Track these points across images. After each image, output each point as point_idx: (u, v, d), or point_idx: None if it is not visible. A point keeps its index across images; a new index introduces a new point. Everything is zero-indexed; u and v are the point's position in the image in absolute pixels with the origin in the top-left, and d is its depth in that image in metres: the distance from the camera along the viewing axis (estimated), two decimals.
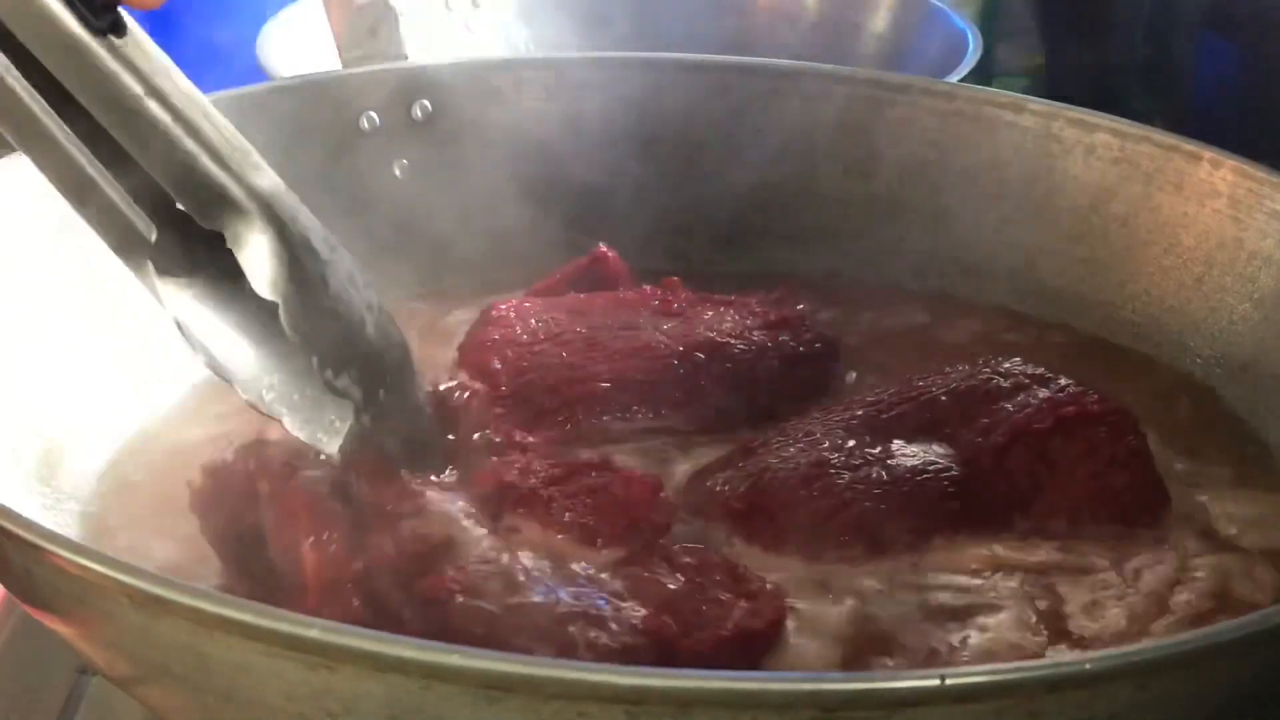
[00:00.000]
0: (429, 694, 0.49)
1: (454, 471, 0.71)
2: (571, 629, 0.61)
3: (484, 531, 0.66)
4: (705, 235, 1.01)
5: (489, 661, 0.48)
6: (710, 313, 0.86)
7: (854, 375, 0.86)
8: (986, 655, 0.64)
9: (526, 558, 0.65)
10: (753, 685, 0.48)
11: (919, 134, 0.98)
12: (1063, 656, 0.64)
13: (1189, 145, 0.89)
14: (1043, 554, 0.71)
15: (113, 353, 0.82)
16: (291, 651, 0.50)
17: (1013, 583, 0.69)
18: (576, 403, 0.80)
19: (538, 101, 1.00)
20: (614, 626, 0.61)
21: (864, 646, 0.65)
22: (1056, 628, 0.67)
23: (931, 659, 0.64)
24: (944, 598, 0.68)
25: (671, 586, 0.65)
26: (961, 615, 0.67)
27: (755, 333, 0.84)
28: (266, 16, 1.23)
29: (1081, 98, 0.99)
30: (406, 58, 1.03)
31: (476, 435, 0.74)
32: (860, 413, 0.76)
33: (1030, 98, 0.98)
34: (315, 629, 0.49)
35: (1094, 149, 0.92)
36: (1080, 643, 0.66)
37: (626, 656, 0.60)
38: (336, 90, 0.97)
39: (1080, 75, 1.55)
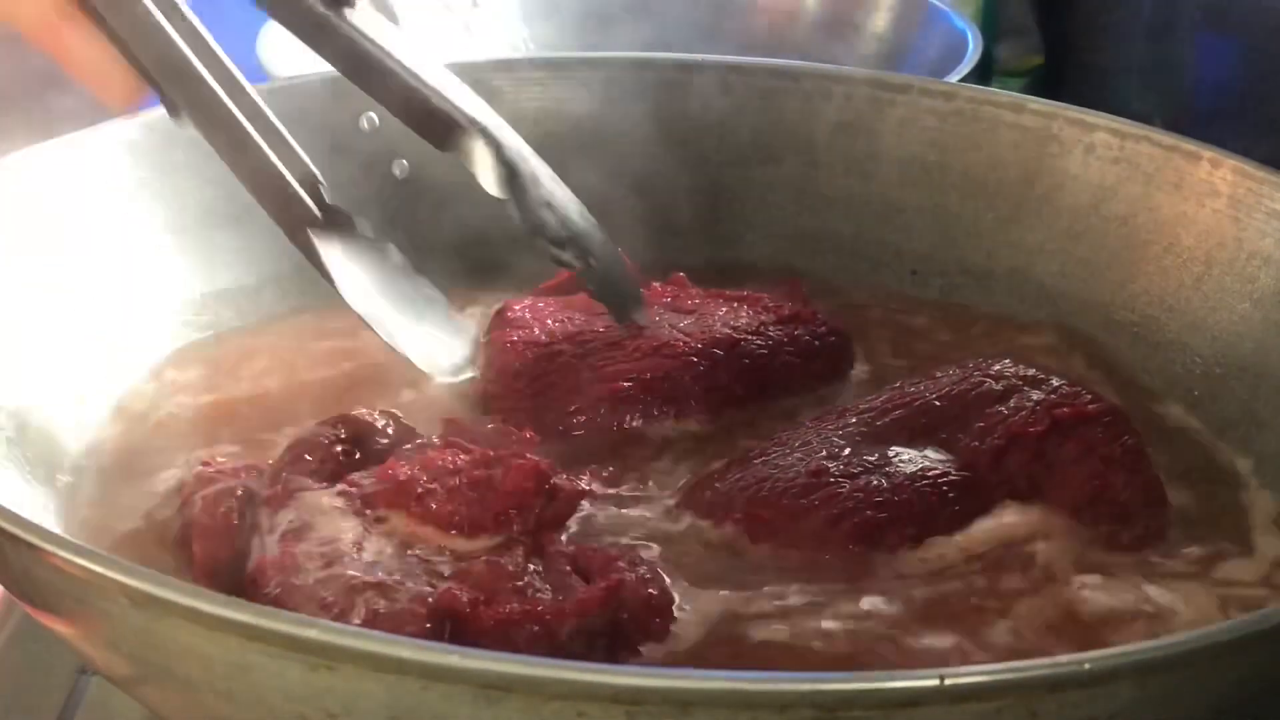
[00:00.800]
0: (429, 694, 0.49)
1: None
2: (359, 598, 0.62)
3: (349, 520, 0.68)
4: (704, 235, 1.01)
5: (489, 662, 0.49)
6: (724, 309, 0.86)
7: (866, 371, 0.87)
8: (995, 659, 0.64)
9: (372, 540, 0.66)
10: (752, 685, 0.48)
11: (919, 134, 0.98)
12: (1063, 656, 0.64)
13: (1189, 145, 0.89)
14: (1046, 558, 0.71)
15: (103, 349, 0.82)
16: (291, 652, 0.50)
17: (1019, 587, 0.69)
18: (600, 402, 0.80)
19: (538, 101, 1.01)
20: (400, 596, 0.63)
21: (867, 651, 0.65)
22: (1062, 630, 0.67)
23: (939, 662, 0.64)
24: (949, 603, 0.68)
25: (510, 569, 0.65)
26: (968, 620, 0.67)
27: (771, 328, 0.85)
28: (267, 17, 1.23)
29: (1081, 98, 0.99)
30: None
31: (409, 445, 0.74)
32: (854, 420, 0.76)
33: (1030, 98, 0.97)
34: (315, 629, 0.50)
35: (1093, 149, 0.92)
36: (1089, 643, 0.66)
37: (400, 622, 0.61)
38: (336, 90, 0.96)
39: (1080, 75, 1.55)
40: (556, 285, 0.90)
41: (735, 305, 0.87)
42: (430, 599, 0.63)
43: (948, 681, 0.48)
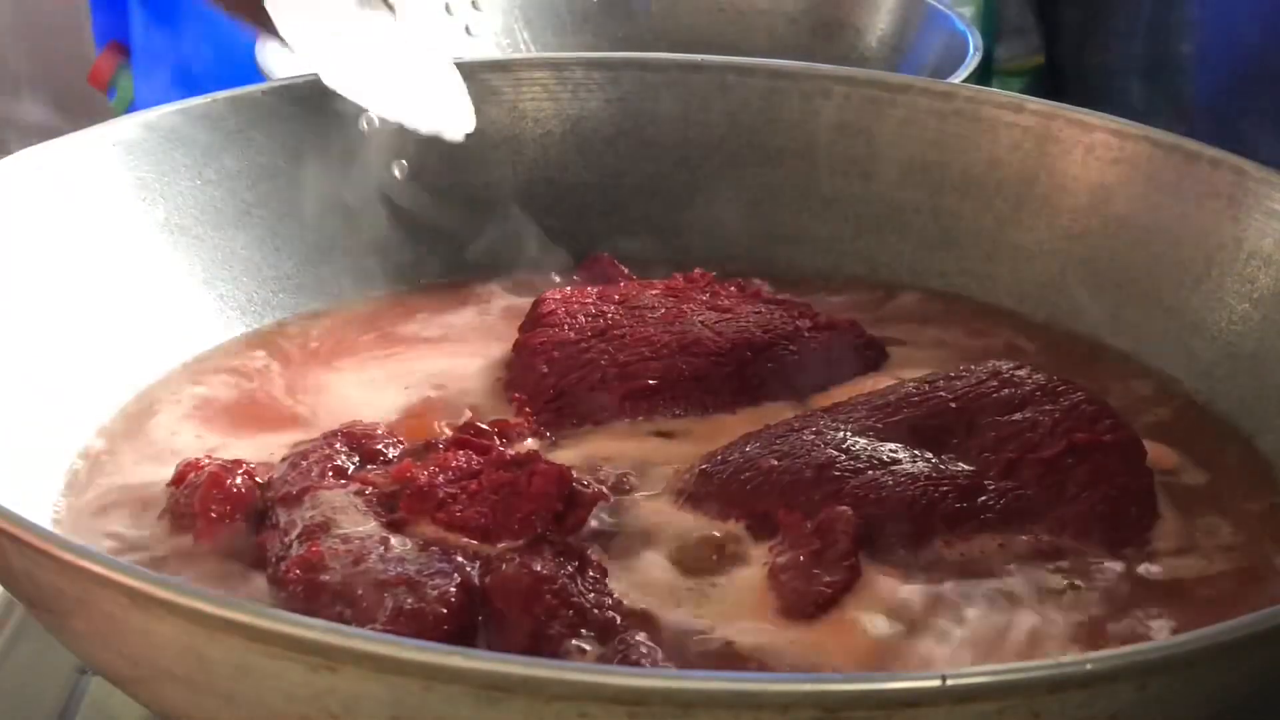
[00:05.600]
0: (430, 695, 0.49)
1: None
2: (387, 594, 0.63)
3: (370, 519, 0.68)
4: (704, 235, 1.00)
5: (491, 662, 0.49)
6: (759, 311, 0.87)
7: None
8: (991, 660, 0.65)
9: (395, 539, 0.67)
10: (754, 686, 0.48)
11: (919, 134, 0.98)
12: (1064, 656, 0.64)
13: (1188, 145, 0.89)
14: (1047, 561, 0.71)
15: (102, 349, 0.83)
16: (293, 652, 0.50)
17: (1019, 587, 0.69)
18: (624, 399, 0.80)
19: (537, 101, 1.01)
20: (430, 593, 0.63)
21: (870, 651, 0.65)
22: (1065, 632, 0.67)
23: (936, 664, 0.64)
24: (950, 603, 0.68)
25: (544, 571, 0.65)
26: (968, 620, 0.67)
27: (805, 334, 0.85)
28: None
29: (1081, 98, 0.99)
30: None
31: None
32: (863, 414, 0.76)
33: (1029, 98, 0.97)
34: (316, 630, 0.50)
35: (1093, 149, 0.92)
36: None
37: (424, 619, 0.62)
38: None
39: (1080, 75, 1.55)
40: (588, 271, 0.91)
41: (770, 307, 0.87)
42: (450, 591, 0.63)
43: (950, 682, 0.48)
